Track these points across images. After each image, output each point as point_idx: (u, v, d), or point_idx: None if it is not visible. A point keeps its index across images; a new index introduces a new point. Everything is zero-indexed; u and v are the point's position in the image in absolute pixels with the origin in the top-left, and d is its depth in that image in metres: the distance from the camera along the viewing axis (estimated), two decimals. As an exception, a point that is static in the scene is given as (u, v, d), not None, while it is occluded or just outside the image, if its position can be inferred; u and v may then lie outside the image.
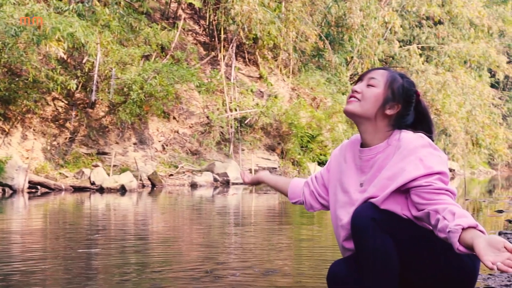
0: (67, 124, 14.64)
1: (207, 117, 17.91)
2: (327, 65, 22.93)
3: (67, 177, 13.37)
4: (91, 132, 14.87)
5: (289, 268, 3.69)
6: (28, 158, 12.88)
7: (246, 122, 18.43)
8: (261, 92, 20.24)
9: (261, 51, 21.23)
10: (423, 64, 26.65)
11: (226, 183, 15.28)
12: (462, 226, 1.73)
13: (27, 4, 12.45)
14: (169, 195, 12.01)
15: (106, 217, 7.60)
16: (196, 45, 20.09)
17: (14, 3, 12.35)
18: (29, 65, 12.34)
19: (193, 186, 14.60)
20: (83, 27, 12.65)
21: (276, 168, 17.90)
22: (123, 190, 12.68)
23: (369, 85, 2.12)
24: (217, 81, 18.55)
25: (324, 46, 23.11)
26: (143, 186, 13.92)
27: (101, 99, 14.78)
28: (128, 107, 14.40)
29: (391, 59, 27.09)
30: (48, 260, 3.95)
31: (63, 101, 14.90)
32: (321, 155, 19.39)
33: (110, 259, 3.98)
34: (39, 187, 12.35)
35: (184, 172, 15.65)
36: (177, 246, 4.84)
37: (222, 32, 19.61)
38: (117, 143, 15.30)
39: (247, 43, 20.43)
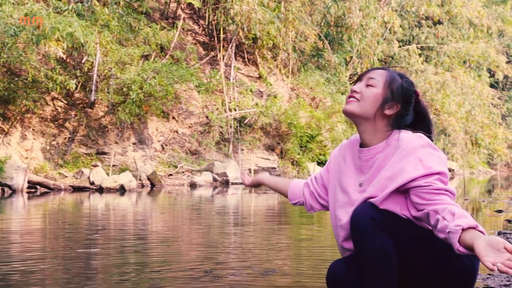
0: (67, 124, 14.63)
1: (207, 117, 17.91)
2: (326, 65, 22.94)
3: (66, 177, 13.37)
4: (90, 132, 14.87)
5: (288, 268, 3.69)
6: (27, 158, 12.88)
7: (245, 122, 18.43)
8: (260, 92, 20.24)
9: (261, 51, 21.23)
10: (422, 64, 26.66)
11: (226, 183, 15.28)
12: (462, 226, 1.73)
13: (27, 4, 12.44)
14: (169, 195, 12.01)
15: (106, 217, 7.60)
16: (195, 45, 20.10)
17: (14, 3, 12.34)
18: (29, 65, 12.33)
19: (193, 186, 14.60)
20: (82, 27, 12.64)
21: (275, 168, 17.89)
22: (122, 190, 12.68)
23: (368, 85, 2.12)
24: (217, 81, 18.55)
25: (323, 46, 23.11)
26: (142, 186, 13.92)
27: (101, 99, 14.78)
28: (128, 107, 14.41)
29: (390, 59, 27.09)
30: (47, 260, 3.95)
31: (62, 101, 14.90)
32: (320, 155, 19.39)
33: (109, 259, 3.97)
34: (38, 187, 12.34)
35: (183, 172, 15.65)
36: (176, 246, 4.83)
37: (222, 32, 19.61)
38: (116, 143, 15.30)
39: (247, 43, 20.44)
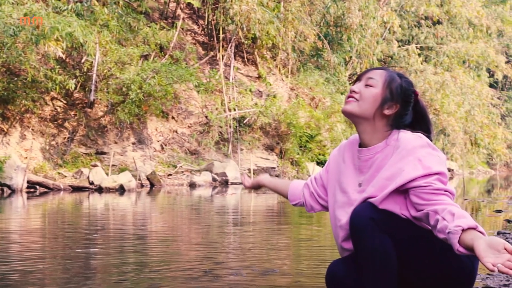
0: (66, 124, 14.63)
1: (206, 116, 17.90)
2: (326, 65, 22.94)
3: (65, 176, 13.36)
4: (89, 132, 14.87)
5: (288, 268, 3.69)
6: (26, 158, 12.87)
7: (245, 121, 18.42)
8: (260, 91, 20.23)
9: (260, 50, 21.23)
10: (421, 64, 26.67)
11: (225, 183, 15.28)
12: (461, 227, 1.73)
13: (26, 3, 12.44)
14: (168, 194, 12.00)
15: (105, 216, 7.60)
16: (194, 44, 20.09)
17: (13, 3, 12.34)
18: (28, 64, 12.33)
19: (192, 185, 14.60)
20: (81, 26, 12.64)
21: (274, 168, 17.89)
22: (121, 189, 12.67)
23: (367, 85, 2.11)
24: (216, 80, 18.55)
25: (323, 46, 23.11)
26: (141, 186, 13.92)
27: (100, 99, 14.78)
28: (127, 106, 14.41)
29: (390, 59, 27.10)
30: (47, 259, 3.95)
31: (61, 101, 14.90)
32: (319, 154, 19.39)
33: (108, 258, 3.97)
34: (37, 187, 12.34)
35: (182, 172, 15.65)
36: (175, 245, 4.83)
37: (221, 31, 19.61)
38: (115, 142, 15.30)
39: (246, 42, 20.44)
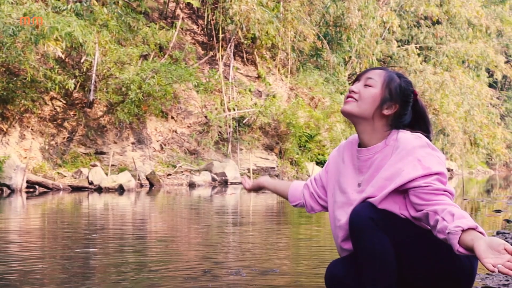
0: (65, 124, 14.63)
1: (205, 116, 17.90)
2: (325, 64, 22.95)
3: (65, 176, 13.36)
4: (89, 131, 14.87)
5: (287, 268, 3.69)
6: (26, 157, 12.87)
7: (244, 121, 18.43)
8: (259, 91, 20.24)
9: (259, 50, 21.23)
10: (421, 64, 26.68)
11: (224, 183, 15.28)
12: (461, 227, 1.73)
13: (25, 3, 12.43)
14: (167, 194, 12.00)
15: (104, 216, 7.60)
16: (194, 44, 20.09)
17: (12, 3, 12.34)
18: (27, 64, 12.32)
19: (191, 185, 14.60)
20: (81, 26, 12.64)
21: (274, 168, 17.90)
22: (121, 189, 12.67)
23: (366, 85, 2.11)
24: (215, 80, 18.55)
25: (322, 46, 23.12)
26: (141, 185, 13.92)
27: (99, 99, 14.78)
28: (126, 106, 14.41)
29: (389, 59, 27.11)
30: (46, 259, 3.95)
31: (61, 101, 14.89)
32: (319, 154, 19.40)
33: (108, 258, 3.97)
34: (37, 186, 12.34)
35: (182, 172, 15.65)
36: (175, 245, 4.83)
37: (220, 31, 19.61)
38: (115, 142, 15.30)
39: (245, 42, 20.44)
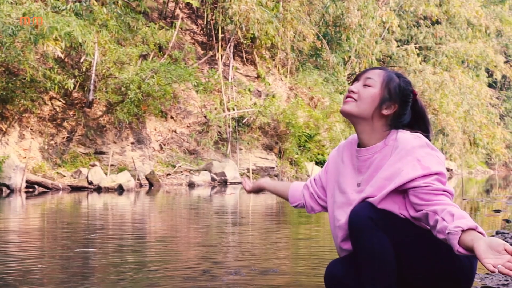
0: (65, 124, 14.63)
1: (205, 116, 17.90)
2: (324, 64, 22.95)
3: (64, 176, 13.36)
4: (88, 131, 14.87)
5: (287, 267, 3.69)
6: (25, 157, 12.86)
7: (243, 121, 18.43)
8: (258, 91, 20.24)
9: (259, 50, 21.23)
10: (420, 64, 26.68)
11: (224, 183, 15.28)
12: (461, 228, 1.73)
13: (25, 3, 12.43)
14: (167, 194, 12.00)
15: (104, 216, 7.60)
16: (193, 44, 20.09)
17: (12, 2, 12.33)
18: (27, 64, 12.32)
19: (191, 185, 14.60)
20: (80, 26, 12.64)
21: (273, 168, 17.90)
22: (120, 189, 12.67)
23: (365, 85, 2.11)
24: (215, 80, 18.55)
25: (321, 46, 23.12)
26: (140, 185, 13.92)
27: (99, 99, 14.77)
28: (126, 106, 14.41)
29: (388, 58, 27.12)
30: (45, 259, 3.94)
31: (60, 101, 14.89)
32: (318, 154, 19.40)
33: (107, 258, 3.97)
34: (36, 186, 12.34)
35: (181, 172, 15.65)
36: (174, 245, 4.83)
37: (220, 31, 19.61)
38: (114, 142, 15.29)
39: (245, 42, 20.44)
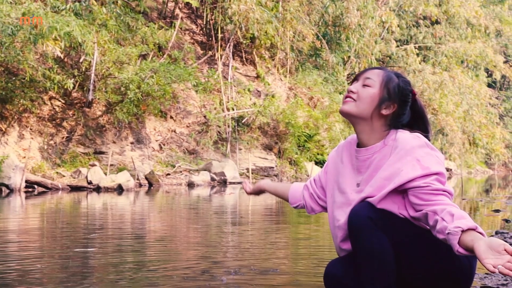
0: (64, 124, 14.63)
1: (204, 116, 17.90)
2: (324, 64, 22.96)
3: (64, 176, 13.36)
4: (88, 131, 14.86)
5: (286, 267, 3.69)
6: (25, 157, 12.86)
7: (243, 121, 18.43)
8: (258, 91, 20.24)
9: (258, 50, 21.24)
10: (420, 63, 26.70)
11: (223, 183, 15.28)
12: (461, 228, 1.73)
13: (24, 3, 12.43)
14: (166, 194, 12.00)
15: (103, 216, 7.60)
16: (193, 44, 20.09)
17: (11, 2, 12.33)
18: (26, 64, 12.32)
19: (190, 185, 14.60)
20: (80, 26, 12.64)
21: (273, 168, 17.90)
22: (120, 189, 12.67)
23: (364, 85, 2.11)
24: (214, 80, 18.55)
25: (321, 46, 23.12)
26: (140, 185, 13.92)
27: (98, 98, 14.77)
28: (125, 106, 14.41)
29: (388, 58, 27.13)
30: (45, 259, 3.94)
31: (60, 101, 14.89)
32: (318, 154, 19.41)
33: (106, 257, 3.97)
34: (36, 186, 12.33)
35: (181, 172, 15.64)
36: (173, 245, 4.83)
37: (220, 31, 19.61)
38: (114, 142, 15.29)
39: (244, 42, 20.44)
